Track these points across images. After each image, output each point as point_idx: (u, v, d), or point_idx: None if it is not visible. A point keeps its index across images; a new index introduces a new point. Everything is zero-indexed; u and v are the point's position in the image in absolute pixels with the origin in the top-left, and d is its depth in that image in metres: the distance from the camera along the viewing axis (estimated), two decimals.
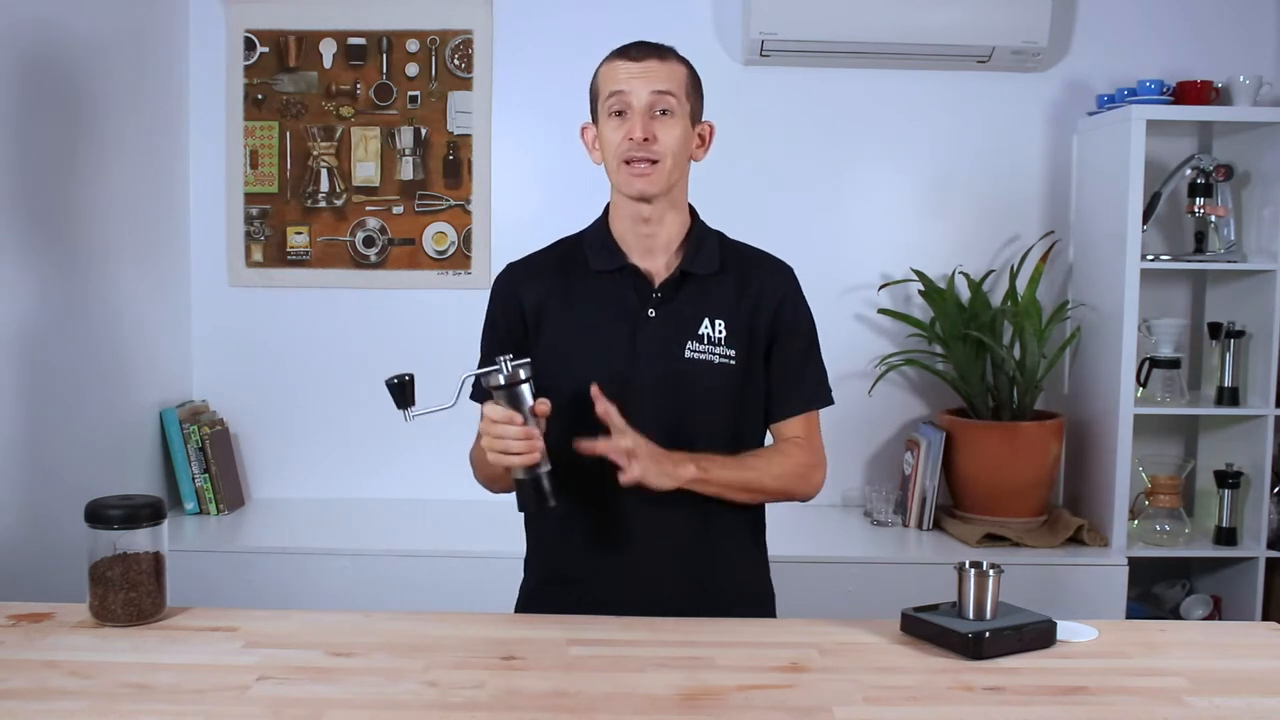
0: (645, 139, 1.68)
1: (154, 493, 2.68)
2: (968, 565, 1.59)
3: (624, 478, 1.61)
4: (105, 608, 1.58)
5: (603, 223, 1.82)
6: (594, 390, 1.62)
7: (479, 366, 1.86)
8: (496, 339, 1.81)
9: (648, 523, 1.74)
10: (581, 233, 1.85)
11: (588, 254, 1.79)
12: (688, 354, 1.73)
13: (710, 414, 1.74)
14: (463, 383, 1.62)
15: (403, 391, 1.61)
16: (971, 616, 1.57)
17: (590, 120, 1.79)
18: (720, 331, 1.74)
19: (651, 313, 1.74)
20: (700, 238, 1.79)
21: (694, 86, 1.75)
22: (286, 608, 1.71)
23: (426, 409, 1.61)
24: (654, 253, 1.77)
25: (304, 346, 3.22)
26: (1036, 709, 1.36)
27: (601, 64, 1.76)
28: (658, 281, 1.76)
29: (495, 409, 1.58)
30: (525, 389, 1.58)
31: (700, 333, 1.74)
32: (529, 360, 1.60)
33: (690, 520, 1.75)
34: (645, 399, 1.71)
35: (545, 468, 1.59)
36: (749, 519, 1.84)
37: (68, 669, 1.42)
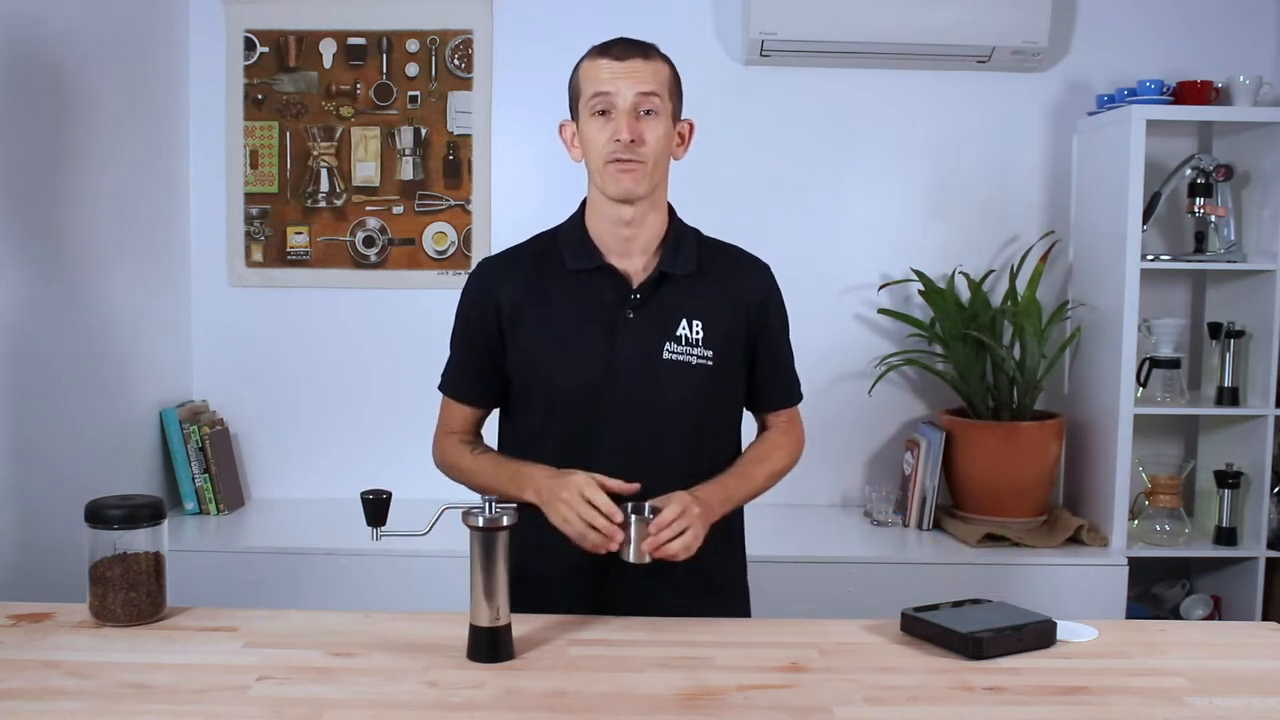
0: (632, 140, 1.66)
1: (154, 493, 2.68)
2: (630, 509, 1.60)
3: (682, 550, 1.60)
4: (105, 608, 1.59)
5: (579, 220, 1.79)
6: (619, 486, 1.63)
7: (448, 364, 1.81)
8: (470, 337, 1.79)
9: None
10: (556, 229, 1.82)
11: (564, 252, 1.77)
12: (665, 355, 1.72)
13: (684, 415, 1.73)
14: (439, 514, 1.56)
15: (376, 509, 1.55)
16: (632, 560, 1.59)
17: (569, 118, 1.76)
18: (698, 332, 1.73)
19: (630, 314, 1.73)
20: (679, 237, 1.78)
21: (675, 85, 1.74)
22: (286, 608, 1.71)
23: (397, 532, 1.55)
24: (632, 254, 1.75)
25: (304, 346, 3.21)
26: (1036, 709, 1.36)
27: (582, 60, 1.72)
28: (636, 282, 1.74)
29: (601, 497, 1.59)
30: (501, 538, 1.49)
31: (678, 334, 1.73)
32: (515, 506, 1.53)
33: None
34: (621, 400, 1.71)
35: (505, 620, 1.49)
36: (729, 520, 1.83)
37: (68, 669, 1.42)
